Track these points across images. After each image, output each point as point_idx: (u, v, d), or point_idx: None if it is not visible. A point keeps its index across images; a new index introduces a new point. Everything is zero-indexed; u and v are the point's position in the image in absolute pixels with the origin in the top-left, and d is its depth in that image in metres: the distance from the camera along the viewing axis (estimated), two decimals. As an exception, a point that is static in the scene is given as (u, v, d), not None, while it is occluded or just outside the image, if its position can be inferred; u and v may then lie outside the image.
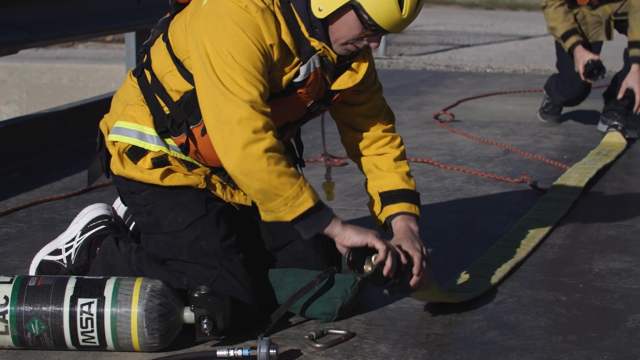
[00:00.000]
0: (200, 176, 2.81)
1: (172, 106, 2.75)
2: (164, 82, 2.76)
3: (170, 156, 2.80)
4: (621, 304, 3.06)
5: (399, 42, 11.99)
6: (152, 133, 2.78)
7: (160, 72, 2.76)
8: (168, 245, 2.79)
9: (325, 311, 2.83)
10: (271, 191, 2.55)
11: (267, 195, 2.56)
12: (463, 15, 16.92)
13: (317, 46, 2.68)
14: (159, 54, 2.78)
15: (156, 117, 2.78)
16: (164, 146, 2.79)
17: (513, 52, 11.01)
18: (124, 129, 2.80)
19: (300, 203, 2.57)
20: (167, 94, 2.75)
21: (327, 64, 2.72)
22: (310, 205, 2.58)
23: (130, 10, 6.14)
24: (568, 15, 5.48)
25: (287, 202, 2.56)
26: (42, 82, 10.03)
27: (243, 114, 2.52)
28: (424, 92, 7.63)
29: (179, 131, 2.75)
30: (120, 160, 2.80)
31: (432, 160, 5.01)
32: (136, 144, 2.79)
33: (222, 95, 2.54)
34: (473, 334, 2.80)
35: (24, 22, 5.03)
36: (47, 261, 3.03)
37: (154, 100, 2.78)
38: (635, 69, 5.36)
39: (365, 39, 2.68)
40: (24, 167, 4.86)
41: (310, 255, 2.95)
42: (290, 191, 2.55)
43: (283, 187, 2.55)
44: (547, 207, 4.11)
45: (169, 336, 2.60)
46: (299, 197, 2.56)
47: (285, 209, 2.57)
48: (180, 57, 2.72)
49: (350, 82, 2.79)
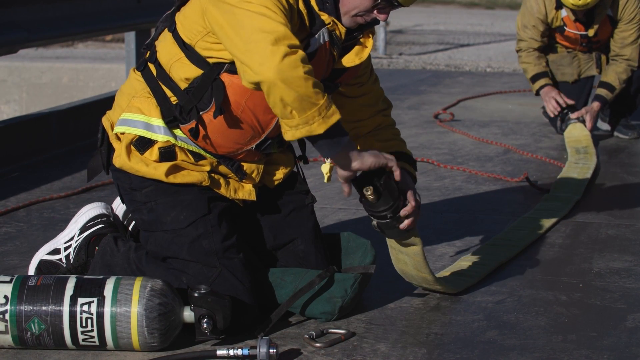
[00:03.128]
0: (205, 173, 2.81)
1: (180, 94, 2.76)
2: (172, 72, 2.76)
3: (177, 147, 2.79)
4: (621, 303, 3.06)
5: (399, 41, 12.00)
6: (159, 123, 2.78)
7: (167, 62, 2.77)
8: (168, 243, 2.79)
9: (325, 310, 2.83)
10: (307, 99, 2.55)
11: (303, 104, 2.55)
12: (463, 15, 16.91)
13: (326, 20, 2.72)
14: (165, 45, 2.79)
15: (163, 107, 2.78)
16: (171, 136, 2.79)
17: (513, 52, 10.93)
18: (131, 121, 2.80)
19: (332, 113, 2.58)
20: (174, 83, 2.76)
21: (335, 39, 2.76)
22: (339, 117, 2.60)
23: (130, 9, 6.14)
24: (540, 59, 5.69)
25: (320, 111, 2.56)
26: (42, 82, 10.04)
27: (279, 29, 2.53)
28: (423, 91, 7.63)
29: (188, 118, 2.76)
30: (127, 152, 2.79)
31: (432, 159, 5.01)
32: (143, 134, 2.78)
33: (255, 19, 2.55)
34: (473, 334, 2.80)
35: (24, 22, 5.03)
36: (46, 261, 3.03)
37: (160, 91, 2.78)
38: (595, 105, 5.58)
39: (375, 10, 2.71)
40: (24, 166, 4.87)
41: (310, 254, 2.95)
42: (323, 101, 2.57)
43: (317, 95, 2.55)
44: (549, 206, 4.12)
45: (169, 335, 2.60)
46: (330, 107, 2.58)
47: (319, 119, 2.57)
48: (191, 41, 2.73)
49: (357, 60, 2.83)
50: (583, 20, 5.52)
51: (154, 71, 2.80)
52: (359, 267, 2.95)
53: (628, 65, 5.58)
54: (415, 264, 2.93)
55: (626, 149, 5.51)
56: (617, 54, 5.61)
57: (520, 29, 5.72)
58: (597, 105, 5.56)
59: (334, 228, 3.78)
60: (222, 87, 2.70)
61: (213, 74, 2.71)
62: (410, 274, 2.98)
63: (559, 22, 5.58)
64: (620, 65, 5.59)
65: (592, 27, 5.54)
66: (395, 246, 2.93)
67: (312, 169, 4.51)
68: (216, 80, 2.70)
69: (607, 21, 5.57)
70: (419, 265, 2.93)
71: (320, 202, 4.03)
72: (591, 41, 5.65)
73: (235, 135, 2.78)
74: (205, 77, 2.70)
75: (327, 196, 4.25)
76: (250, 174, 2.88)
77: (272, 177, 2.96)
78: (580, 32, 5.58)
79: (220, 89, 2.70)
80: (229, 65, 2.69)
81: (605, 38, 5.66)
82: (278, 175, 2.97)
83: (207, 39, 2.69)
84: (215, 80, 2.70)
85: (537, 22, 5.60)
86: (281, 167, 2.97)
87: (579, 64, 5.73)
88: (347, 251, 3.02)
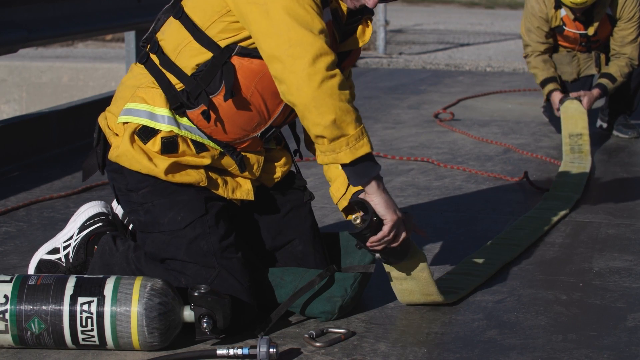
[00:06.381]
0: (202, 173, 2.80)
1: (186, 80, 2.75)
2: (178, 60, 2.76)
3: (180, 137, 2.79)
4: (621, 302, 3.06)
5: (399, 41, 11.99)
6: (163, 113, 2.77)
7: (174, 50, 2.77)
8: (166, 244, 2.79)
9: (325, 310, 2.83)
10: (339, 127, 2.59)
11: (334, 132, 2.59)
12: (463, 14, 16.91)
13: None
14: (170, 33, 2.79)
15: (168, 95, 2.77)
16: (175, 126, 2.78)
17: (513, 51, 11.00)
18: (135, 110, 2.79)
19: (361, 146, 2.62)
20: (179, 69, 2.76)
21: (338, 18, 2.78)
22: (368, 151, 2.64)
23: (130, 9, 6.13)
24: (547, 63, 5.69)
25: (348, 141, 2.61)
26: (42, 81, 10.04)
27: (317, 43, 2.57)
28: (423, 91, 7.63)
29: (196, 103, 2.76)
30: (131, 142, 2.78)
31: (432, 159, 5.01)
32: (147, 123, 2.77)
33: (292, 29, 2.57)
34: (473, 333, 2.80)
35: (24, 21, 5.03)
36: (45, 260, 3.03)
37: (165, 79, 2.78)
38: (595, 91, 5.57)
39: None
40: (24, 166, 4.87)
41: (309, 255, 2.95)
42: (354, 132, 2.61)
43: (348, 126, 2.60)
44: (549, 205, 4.12)
45: (169, 335, 2.60)
46: (360, 139, 2.62)
47: (346, 149, 2.61)
48: (204, 23, 2.73)
49: (361, 42, 2.85)
50: (582, 19, 5.52)
51: (157, 60, 2.80)
52: (358, 266, 2.95)
53: (630, 60, 5.58)
54: (422, 287, 2.91)
55: (626, 148, 5.51)
56: (617, 53, 5.62)
57: (525, 33, 5.73)
58: (597, 91, 5.55)
59: (334, 227, 3.78)
60: (233, 70, 2.71)
61: (224, 57, 2.71)
62: (418, 301, 2.97)
63: (558, 22, 5.59)
64: (622, 60, 5.59)
65: (591, 26, 5.54)
66: (398, 275, 2.90)
67: (312, 169, 4.52)
68: (227, 64, 2.71)
69: (606, 20, 5.57)
70: (426, 287, 2.91)
71: (320, 201, 4.03)
72: (590, 40, 5.65)
73: (243, 120, 2.78)
74: (215, 60, 2.71)
75: (327, 195, 4.23)
76: (251, 167, 2.87)
77: (271, 176, 2.96)
78: (580, 31, 5.58)
79: (231, 71, 2.71)
80: (241, 48, 2.69)
81: (605, 37, 5.66)
82: (277, 174, 2.97)
83: (226, 19, 2.70)
84: (226, 64, 2.71)
85: (540, 22, 5.60)
86: (279, 165, 2.97)
87: (578, 63, 5.73)
88: (347, 250, 3.02)
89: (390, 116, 6.42)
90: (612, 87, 5.59)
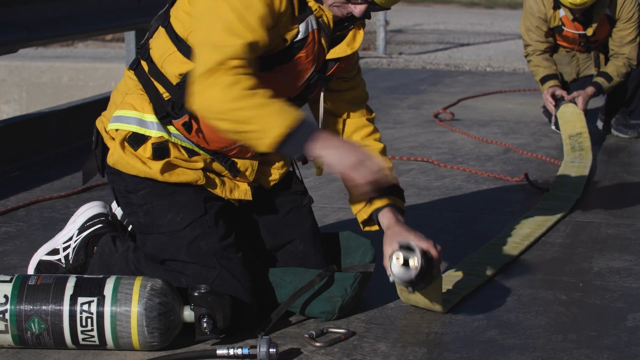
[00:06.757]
0: (199, 171, 2.80)
1: (172, 90, 2.76)
2: (164, 68, 2.76)
3: (170, 142, 2.79)
4: (621, 302, 3.06)
5: (399, 41, 12.00)
6: (152, 119, 2.77)
7: (159, 58, 2.77)
8: (166, 245, 2.79)
9: (325, 310, 2.83)
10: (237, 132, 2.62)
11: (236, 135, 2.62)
12: (463, 14, 16.91)
13: (313, 6, 2.71)
14: (158, 41, 2.80)
15: (155, 103, 2.78)
16: (164, 132, 2.78)
17: (513, 51, 11.01)
18: (124, 117, 2.79)
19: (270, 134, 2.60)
20: (166, 78, 2.76)
21: (323, 26, 2.74)
22: (281, 132, 2.58)
23: (130, 9, 6.14)
24: (547, 61, 5.70)
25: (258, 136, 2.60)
26: (42, 81, 10.03)
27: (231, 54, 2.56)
28: (423, 90, 7.63)
29: (180, 113, 2.76)
30: (122, 148, 2.79)
31: (432, 159, 5.01)
32: (137, 130, 2.77)
33: (217, 24, 2.58)
34: (473, 333, 2.80)
35: (24, 21, 5.03)
36: (45, 261, 3.03)
37: (152, 87, 2.78)
38: (589, 90, 5.55)
39: (350, 3, 2.69)
40: (24, 166, 4.87)
41: (310, 255, 2.95)
42: (256, 127, 2.60)
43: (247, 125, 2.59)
44: (549, 205, 4.12)
45: (169, 335, 2.60)
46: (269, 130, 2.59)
47: (258, 142, 2.60)
48: (183, 33, 2.73)
49: (349, 50, 2.81)
50: (581, 19, 5.52)
51: (146, 68, 2.80)
52: (358, 266, 2.95)
53: (628, 60, 5.58)
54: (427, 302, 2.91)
55: (626, 148, 5.51)
56: (616, 53, 5.62)
57: (525, 33, 5.74)
58: (591, 89, 5.55)
59: (334, 227, 3.77)
60: None
61: None
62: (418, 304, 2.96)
63: (557, 22, 5.59)
64: (620, 60, 5.60)
65: (590, 27, 5.54)
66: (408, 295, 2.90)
67: (312, 169, 4.51)
68: None
69: (605, 20, 5.57)
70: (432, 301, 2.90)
71: (320, 201, 4.03)
72: (589, 41, 5.65)
73: None
74: None
75: (326, 195, 4.25)
76: (244, 172, 2.87)
77: (267, 177, 2.95)
78: (579, 32, 5.58)
79: None
80: None
81: (604, 37, 5.66)
82: (274, 176, 2.96)
83: None
84: None
85: (539, 22, 5.60)
86: (277, 167, 2.96)
87: (577, 64, 5.74)
88: (347, 250, 3.02)
89: (390, 116, 6.42)
90: (608, 86, 5.59)
